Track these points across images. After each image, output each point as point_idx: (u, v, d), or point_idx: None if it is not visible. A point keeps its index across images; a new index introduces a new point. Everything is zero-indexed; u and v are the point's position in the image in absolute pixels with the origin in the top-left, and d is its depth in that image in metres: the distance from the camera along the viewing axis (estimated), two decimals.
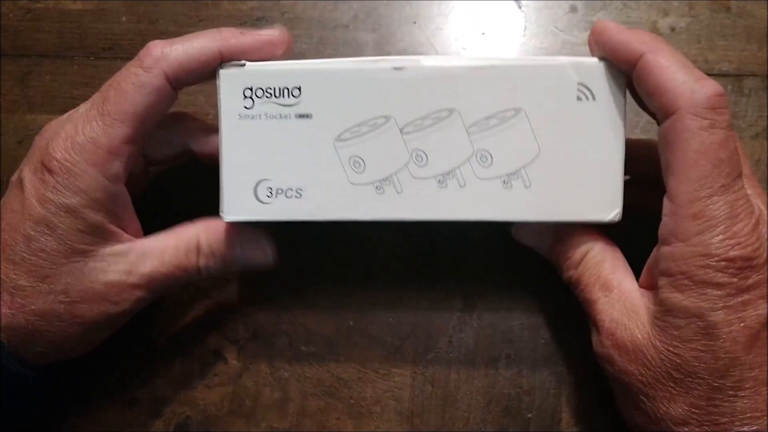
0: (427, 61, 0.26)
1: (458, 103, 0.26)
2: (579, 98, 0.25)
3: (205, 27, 0.38)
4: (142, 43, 0.36)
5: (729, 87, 0.35)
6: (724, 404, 0.23)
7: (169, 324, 0.33)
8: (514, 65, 0.26)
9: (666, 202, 0.24)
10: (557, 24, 0.37)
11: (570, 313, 0.31)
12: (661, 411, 0.24)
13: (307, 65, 0.26)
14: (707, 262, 0.23)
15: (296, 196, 0.26)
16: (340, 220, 0.26)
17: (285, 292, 0.33)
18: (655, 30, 0.37)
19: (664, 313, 0.24)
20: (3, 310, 0.26)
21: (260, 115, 0.26)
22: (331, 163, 0.26)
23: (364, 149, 0.26)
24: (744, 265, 0.22)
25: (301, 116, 0.26)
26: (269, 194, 0.26)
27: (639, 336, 0.24)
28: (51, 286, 0.26)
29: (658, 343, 0.24)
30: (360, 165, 0.26)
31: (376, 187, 0.26)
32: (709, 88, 0.23)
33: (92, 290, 0.27)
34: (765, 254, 0.23)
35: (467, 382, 0.32)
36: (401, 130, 0.26)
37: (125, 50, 0.37)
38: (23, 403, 0.28)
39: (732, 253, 0.22)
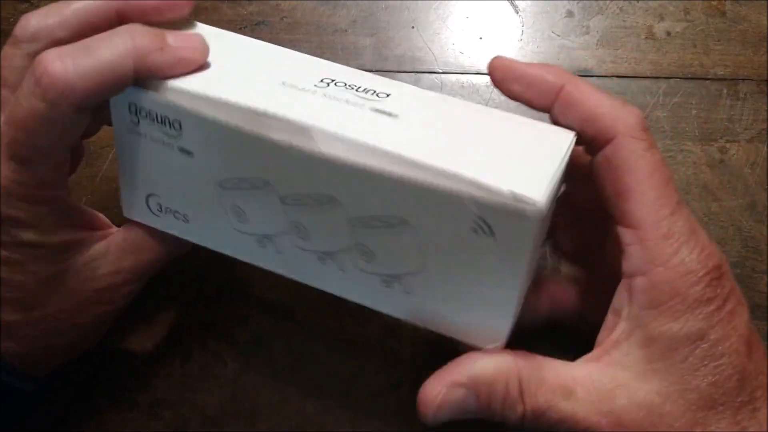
0: (323, 142, 0.22)
1: (342, 195, 0.22)
2: (475, 230, 0.21)
3: None
4: None
5: (724, 91, 0.36)
6: (750, 422, 0.22)
7: (169, 326, 0.33)
8: (404, 178, 0.21)
9: (625, 231, 0.23)
10: (554, 29, 0.37)
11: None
12: None
13: (193, 100, 0.23)
14: (694, 279, 0.22)
15: (183, 220, 0.26)
16: (226, 254, 0.26)
17: (284, 295, 0.33)
18: (650, 34, 0.37)
19: (661, 353, 0.22)
20: (3, 345, 0.26)
21: (146, 135, 0.25)
22: (214, 203, 0.25)
23: (246, 203, 0.24)
24: (719, 274, 0.22)
25: (183, 151, 0.24)
26: (159, 209, 0.26)
27: (647, 399, 0.22)
28: (42, 311, 0.26)
29: (670, 390, 0.22)
30: (242, 215, 0.25)
31: (258, 241, 0.25)
32: (635, 111, 0.23)
33: (85, 300, 0.27)
34: (724, 262, 0.23)
35: None
36: (281, 200, 0.23)
37: None
38: (25, 417, 0.28)
39: (710, 264, 0.22)
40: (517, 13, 0.38)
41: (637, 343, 0.22)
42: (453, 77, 0.37)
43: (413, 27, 0.38)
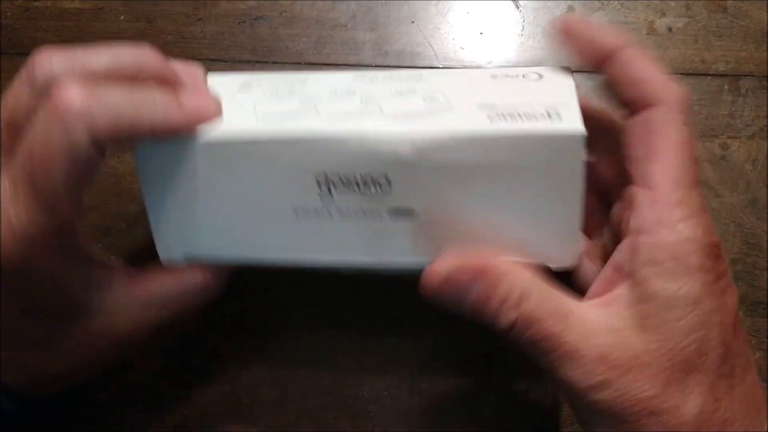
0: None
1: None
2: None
3: (204, 26, 0.38)
4: (140, 41, 0.36)
5: (726, 87, 0.36)
6: (726, 395, 0.23)
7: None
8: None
9: (641, 191, 0.24)
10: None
11: None
12: (670, 424, 0.22)
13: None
14: (696, 247, 0.23)
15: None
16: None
17: (284, 291, 0.33)
18: (652, 30, 0.37)
19: (657, 310, 0.23)
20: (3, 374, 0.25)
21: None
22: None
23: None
24: (717, 252, 0.23)
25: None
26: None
27: (634, 346, 0.22)
28: (54, 353, 0.26)
29: (659, 346, 0.22)
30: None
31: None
32: (682, 89, 0.24)
33: (102, 346, 0.26)
34: (720, 245, 0.24)
35: (470, 383, 0.32)
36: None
37: None
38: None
39: (711, 240, 0.23)
40: (518, 8, 0.38)
41: (635, 298, 0.23)
42: None
43: (413, 22, 0.38)
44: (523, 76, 0.26)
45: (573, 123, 0.23)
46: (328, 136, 0.24)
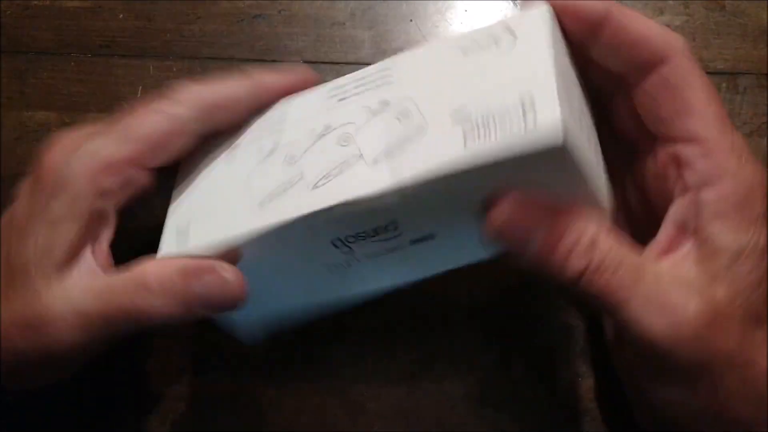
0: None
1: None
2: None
3: (203, 24, 0.38)
4: (140, 40, 0.37)
5: (724, 85, 0.36)
6: None
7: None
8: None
9: (686, 147, 0.23)
10: None
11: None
12: (748, 376, 0.22)
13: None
14: (761, 194, 0.22)
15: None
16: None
17: None
18: None
19: (729, 263, 0.22)
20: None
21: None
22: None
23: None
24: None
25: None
26: None
27: (711, 300, 0.22)
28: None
29: (730, 299, 0.22)
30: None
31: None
32: (681, 36, 0.24)
33: (26, 315, 0.24)
34: None
35: (468, 382, 0.32)
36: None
37: (122, 47, 0.37)
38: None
39: (765, 184, 0.22)
40: (516, 6, 0.38)
41: (704, 254, 0.22)
42: None
43: (411, 20, 0.38)
44: (496, 44, 0.23)
45: (549, 122, 0.20)
46: (322, 208, 0.23)
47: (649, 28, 0.23)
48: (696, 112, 0.23)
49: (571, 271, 0.22)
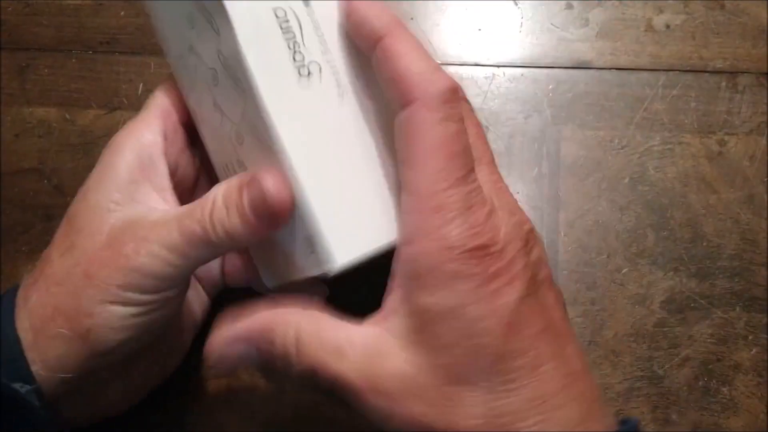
0: None
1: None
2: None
3: None
4: (140, 36, 0.37)
5: (723, 83, 0.36)
6: (508, 399, 0.21)
7: None
8: None
9: (404, 199, 0.23)
10: (553, 20, 0.37)
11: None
12: None
13: None
14: (452, 255, 0.21)
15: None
16: None
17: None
18: (650, 27, 0.37)
19: (421, 326, 0.22)
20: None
21: None
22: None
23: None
24: (483, 254, 0.22)
25: None
26: None
27: (402, 370, 0.22)
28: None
29: (423, 363, 0.22)
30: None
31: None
32: (443, 81, 0.23)
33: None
34: (501, 243, 0.22)
35: None
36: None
37: (123, 44, 0.37)
38: None
39: (475, 242, 0.21)
40: (516, 4, 0.38)
41: (405, 313, 0.22)
42: (452, 68, 0.37)
43: (412, 18, 0.38)
44: None
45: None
46: None
47: (408, 67, 0.22)
48: (415, 165, 0.22)
49: (292, 376, 0.23)
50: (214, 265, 0.31)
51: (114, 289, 0.24)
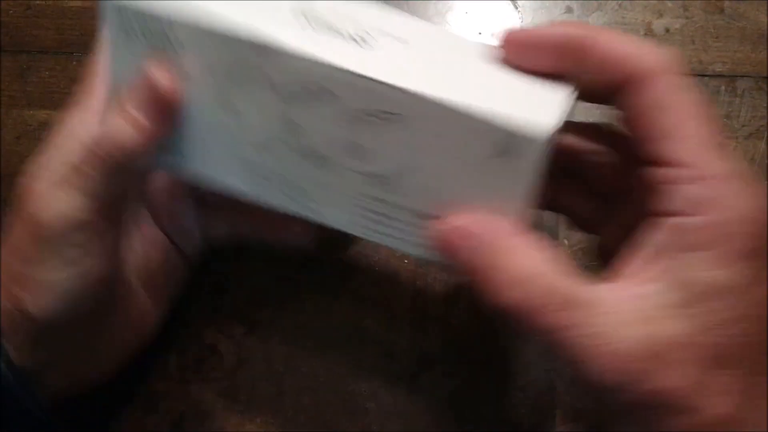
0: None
1: (340, 90, 0.22)
2: (478, 148, 0.21)
3: None
4: None
5: (722, 87, 0.36)
6: (762, 397, 0.20)
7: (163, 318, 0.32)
8: (410, 92, 0.21)
9: (674, 171, 0.21)
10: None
11: None
12: (703, 423, 0.20)
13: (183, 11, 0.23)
14: (752, 228, 0.20)
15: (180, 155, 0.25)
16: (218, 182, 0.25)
17: (281, 286, 0.33)
18: (649, 31, 0.37)
19: (699, 298, 0.20)
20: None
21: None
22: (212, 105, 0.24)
23: (243, 102, 0.23)
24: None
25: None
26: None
27: (667, 337, 0.20)
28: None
29: (693, 336, 0.20)
30: (238, 113, 0.24)
31: (256, 148, 0.24)
32: (667, 49, 0.22)
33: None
34: None
35: (467, 381, 0.32)
36: (273, 88, 0.23)
37: None
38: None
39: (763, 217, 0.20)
40: (516, 9, 0.38)
41: (671, 284, 0.20)
42: None
43: None
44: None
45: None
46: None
47: (626, 48, 0.21)
48: (680, 135, 0.21)
49: (501, 304, 0.21)
50: (192, 226, 0.31)
51: (31, 252, 0.24)
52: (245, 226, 0.31)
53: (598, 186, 0.27)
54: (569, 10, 0.37)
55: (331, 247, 0.33)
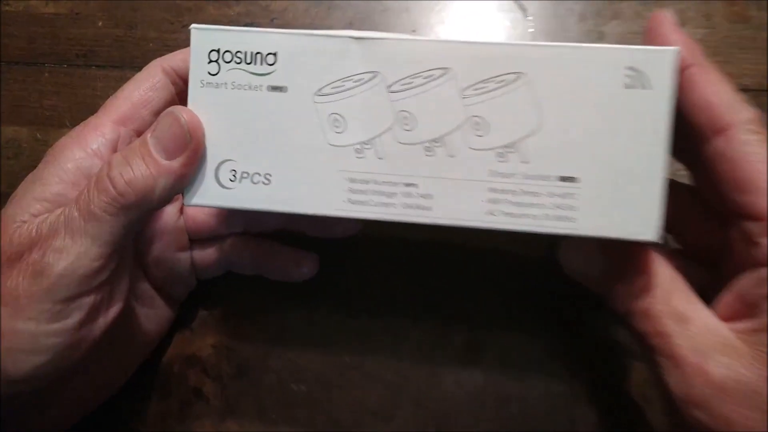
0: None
1: (453, 63, 0.23)
2: (613, 82, 0.22)
3: (188, 33, 0.35)
4: (120, 49, 0.35)
5: (748, 102, 0.33)
6: None
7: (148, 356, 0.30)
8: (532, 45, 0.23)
9: (751, 225, 0.22)
10: (566, 33, 0.35)
11: (585, 348, 0.29)
12: None
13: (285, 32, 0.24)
14: None
15: (264, 182, 0.24)
16: (313, 213, 0.24)
17: (273, 324, 0.31)
18: None
19: None
20: None
21: (226, 83, 0.24)
22: (305, 134, 0.24)
23: (347, 106, 0.24)
24: None
25: (275, 89, 0.24)
26: (233, 178, 0.24)
27: (746, 373, 0.21)
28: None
29: None
30: (341, 123, 0.24)
31: (356, 151, 0.24)
32: (753, 109, 0.23)
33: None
34: None
35: (475, 426, 0.30)
36: (388, 89, 0.23)
37: (101, 57, 0.35)
38: None
39: None
40: (526, 16, 0.35)
41: (758, 330, 0.22)
42: None
43: (414, 30, 0.35)
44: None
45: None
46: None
47: (715, 94, 0.23)
48: (755, 188, 0.22)
49: (622, 306, 0.24)
50: (182, 267, 0.29)
51: (22, 302, 0.22)
52: (254, 264, 0.30)
53: (693, 244, 0.28)
54: (583, 18, 0.35)
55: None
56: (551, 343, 0.30)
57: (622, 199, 0.22)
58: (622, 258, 0.24)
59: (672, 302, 0.23)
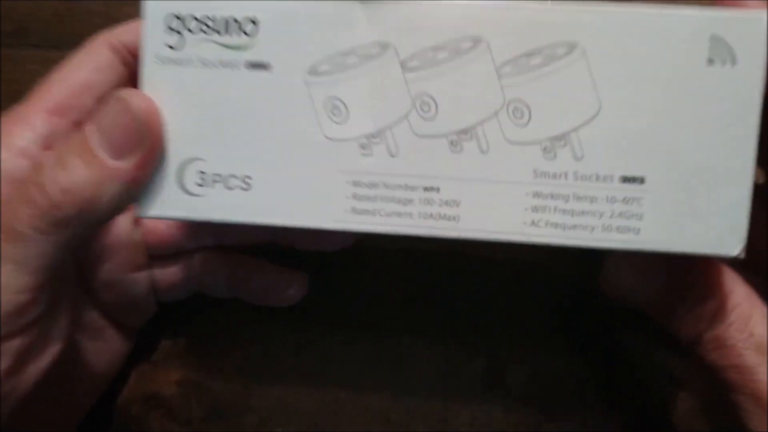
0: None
1: (487, 32, 0.20)
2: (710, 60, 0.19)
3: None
4: (60, 26, 0.31)
5: None
6: None
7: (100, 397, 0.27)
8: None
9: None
10: None
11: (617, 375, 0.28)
12: None
13: None
14: None
15: (243, 187, 0.21)
16: (305, 227, 0.21)
17: (252, 354, 0.29)
18: None
19: None
20: None
21: (192, 59, 0.21)
22: (296, 118, 0.21)
23: (349, 89, 0.21)
24: None
25: (255, 66, 0.21)
26: (200, 182, 0.21)
27: None
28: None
29: None
30: (341, 111, 0.21)
31: (361, 147, 0.21)
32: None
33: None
34: None
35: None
36: (402, 65, 0.20)
37: (35, 35, 0.32)
38: None
39: None
40: None
41: None
42: None
43: None
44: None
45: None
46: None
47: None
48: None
49: (689, 333, 0.22)
50: (138, 290, 0.27)
51: None
52: (229, 285, 0.27)
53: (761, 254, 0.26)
54: None
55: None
56: (584, 371, 0.29)
57: (699, 205, 0.19)
58: (686, 274, 0.22)
59: (752, 329, 0.21)
